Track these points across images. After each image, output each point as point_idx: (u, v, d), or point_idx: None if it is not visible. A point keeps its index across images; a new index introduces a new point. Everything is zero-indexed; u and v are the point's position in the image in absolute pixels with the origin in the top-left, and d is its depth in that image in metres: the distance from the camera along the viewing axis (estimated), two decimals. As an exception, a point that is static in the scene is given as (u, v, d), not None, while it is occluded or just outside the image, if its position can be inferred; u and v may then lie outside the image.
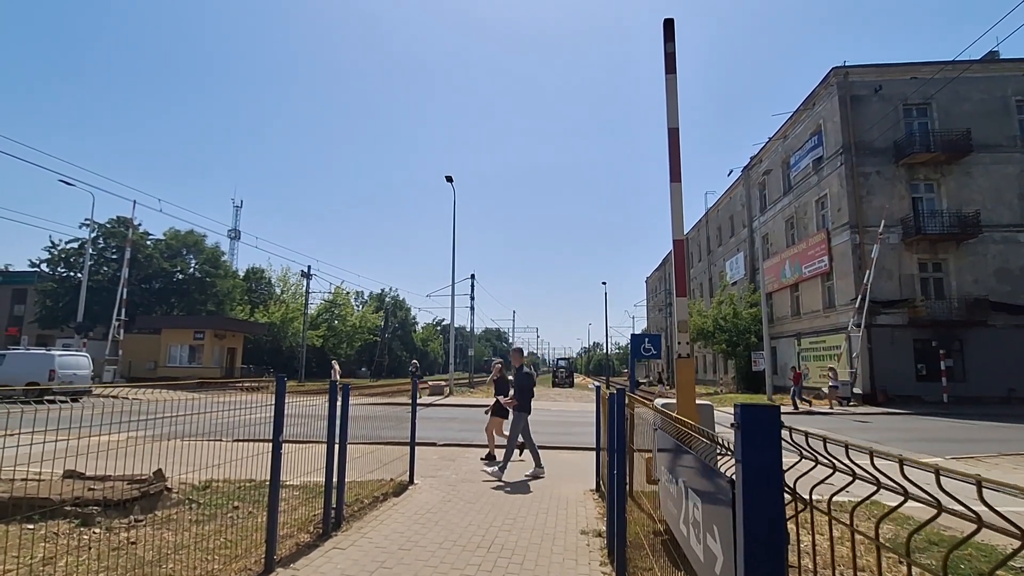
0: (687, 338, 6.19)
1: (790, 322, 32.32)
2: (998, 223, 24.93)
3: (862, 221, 25.50)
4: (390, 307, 74.18)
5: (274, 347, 48.59)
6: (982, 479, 0.95)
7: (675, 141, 6.24)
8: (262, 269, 57.92)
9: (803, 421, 17.29)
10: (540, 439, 12.55)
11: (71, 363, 21.96)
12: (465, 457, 9.76)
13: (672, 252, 6.45)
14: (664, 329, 58.22)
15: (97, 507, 5.05)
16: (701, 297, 49.41)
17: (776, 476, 1.25)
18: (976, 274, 24.94)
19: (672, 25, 6.42)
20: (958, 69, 23.19)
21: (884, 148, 25.71)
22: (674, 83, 6.31)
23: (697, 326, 35.28)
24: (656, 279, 75.06)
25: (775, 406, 1.31)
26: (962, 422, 17.22)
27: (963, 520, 1.04)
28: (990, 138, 25.30)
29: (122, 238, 39.01)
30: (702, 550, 1.95)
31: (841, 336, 26.14)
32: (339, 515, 5.37)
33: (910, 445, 11.87)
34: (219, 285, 47.43)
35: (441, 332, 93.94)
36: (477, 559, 4.58)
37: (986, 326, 23.92)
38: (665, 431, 2.96)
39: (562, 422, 16.93)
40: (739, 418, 1.30)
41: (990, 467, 9.37)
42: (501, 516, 5.91)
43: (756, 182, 37.35)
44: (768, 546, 1.22)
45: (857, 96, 26.44)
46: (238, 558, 4.26)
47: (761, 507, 1.24)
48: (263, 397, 5.02)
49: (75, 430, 3.32)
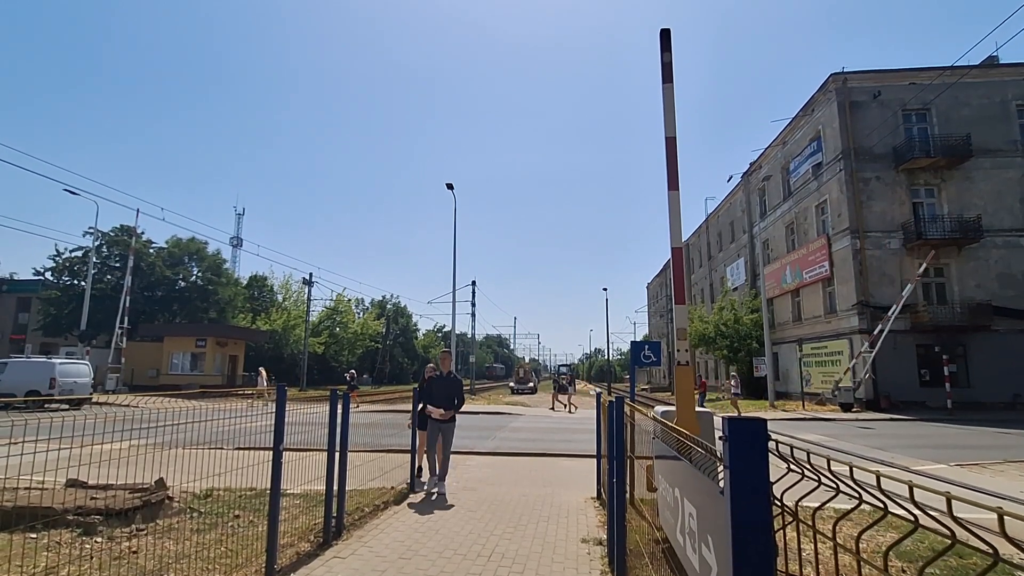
0: (686, 345, 6.19)
1: (791, 328, 32.27)
2: (1000, 227, 24.93)
3: (863, 226, 25.51)
4: (391, 314, 74.20)
5: (276, 355, 48.59)
6: (951, 495, 0.97)
7: (672, 150, 6.28)
8: (264, 277, 58.00)
9: (806, 427, 17.23)
10: (542, 446, 12.58)
11: (71, 371, 22.04)
12: (466, 465, 9.75)
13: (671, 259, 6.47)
14: (665, 335, 58.12)
15: (99, 516, 5.06)
16: (702, 303, 49.36)
17: (763, 486, 1.27)
18: (978, 279, 24.91)
19: (669, 35, 6.47)
20: (957, 74, 23.26)
21: (884, 153, 25.76)
22: (671, 92, 6.35)
23: (699, 332, 35.21)
24: (657, 285, 75.02)
25: (762, 419, 1.34)
26: (967, 428, 17.14)
27: (938, 534, 1.06)
28: (990, 143, 25.34)
29: (125, 246, 39.13)
30: (698, 560, 1.96)
31: (843, 342, 26.08)
32: (339, 524, 5.37)
33: (915, 452, 11.81)
34: (221, 293, 47.52)
35: (443, 339, 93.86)
36: (477, 568, 4.58)
37: (989, 331, 23.85)
38: (661, 440, 2.98)
39: (563, 428, 16.91)
40: (726, 430, 1.32)
41: (995, 474, 9.31)
42: (502, 525, 5.91)
43: (756, 188, 37.40)
44: (756, 554, 1.24)
45: (856, 102, 26.53)
46: (239, 567, 4.27)
47: (750, 515, 1.26)
48: (262, 405, 5.05)
49: (78, 439, 3.35)
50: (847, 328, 25.99)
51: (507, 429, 16.56)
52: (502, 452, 11.55)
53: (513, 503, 6.92)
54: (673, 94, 6.38)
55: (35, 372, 21.28)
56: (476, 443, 12.96)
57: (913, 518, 1.12)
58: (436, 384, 7.57)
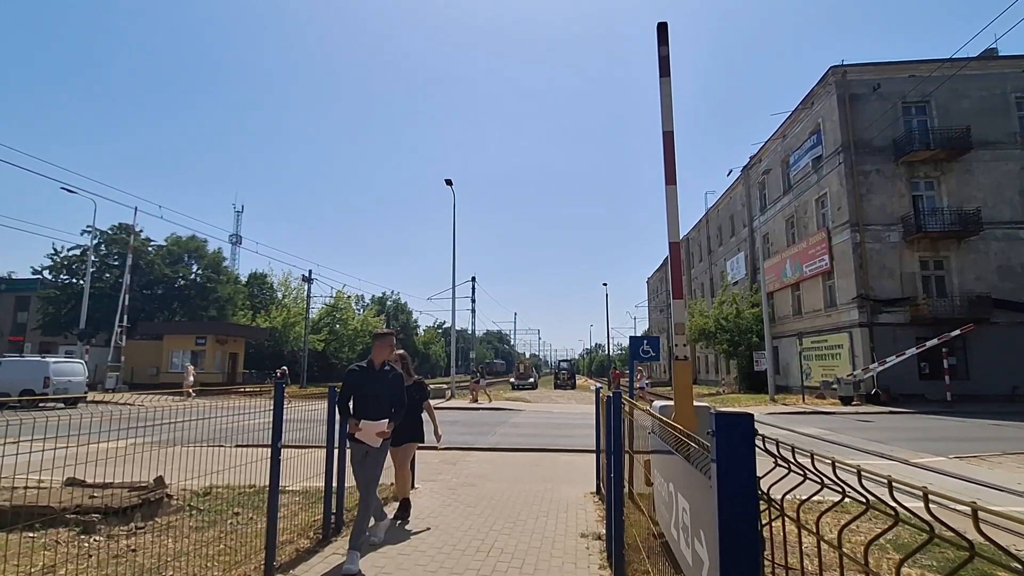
0: (684, 340, 6.19)
1: (791, 321, 32.28)
2: (999, 220, 24.90)
3: (862, 219, 25.48)
4: (391, 311, 74.26)
5: (276, 352, 48.59)
6: (928, 491, 0.97)
7: (670, 144, 6.26)
8: (263, 274, 57.94)
9: (806, 420, 17.25)
10: (542, 441, 12.60)
11: (66, 370, 22.08)
12: (465, 461, 9.77)
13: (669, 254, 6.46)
14: (665, 330, 58.16)
15: (98, 515, 5.07)
16: (703, 297, 49.36)
17: (750, 479, 1.27)
18: (978, 271, 24.90)
19: (666, 29, 6.44)
20: (956, 67, 23.16)
21: (883, 146, 25.71)
22: (668, 86, 6.33)
23: (699, 326, 35.23)
24: (657, 280, 75.05)
25: (748, 414, 1.34)
26: (966, 420, 17.17)
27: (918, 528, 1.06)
28: (990, 135, 25.28)
29: (124, 245, 39.11)
30: (691, 554, 1.97)
31: (843, 335, 26.09)
32: (339, 520, 5.39)
33: (913, 445, 11.83)
34: (221, 290, 47.50)
35: (443, 335, 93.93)
36: (476, 563, 4.60)
37: (989, 323, 23.85)
38: (657, 435, 2.98)
39: (563, 424, 16.94)
40: (714, 424, 1.32)
41: (993, 466, 9.34)
42: (501, 520, 5.92)
43: (756, 182, 37.34)
44: (744, 546, 1.24)
45: (856, 95, 26.45)
46: (238, 564, 4.28)
47: (737, 508, 1.26)
48: (263, 403, 5.04)
49: (75, 437, 3.35)
50: (847, 322, 25.99)
51: (507, 425, 16.59)
52: (502, 448, 11.58)
53: (513, 498, 6.94)
54: (671, 88, 6.36)
55: (29, 371, 21.27)
56: (476, 439, 12.99)
57: (894, 513, 1.12)
58: (365, 384, 4.80)
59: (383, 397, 4.78)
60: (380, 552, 4.84)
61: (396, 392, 4.89)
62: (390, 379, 4.89)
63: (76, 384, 22.02)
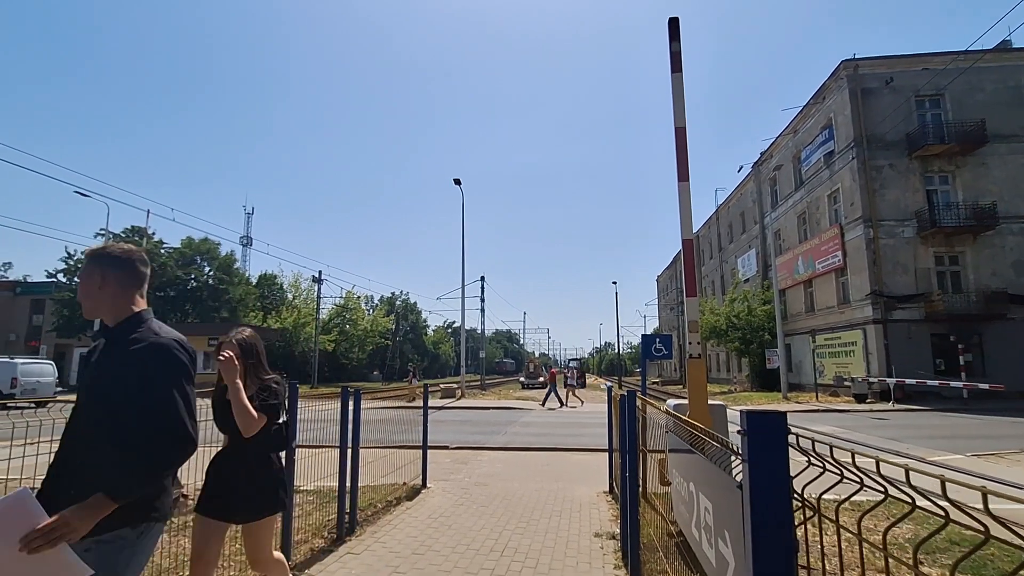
0: (698, 338, 6.14)
1: (804, 319, 31.97)
2: (1015, 214, 24.47)
3: (876, 215, 25.16)
4: (401, 310, 74.48)
5: (286, 352, 48.96)
6: (987, 490, 0.93)
7: (682, 140, 6.20)
8: (274, 275, 58.43)
9: (820, 418, 17.08)
10: (553, 440, 12.59)
11: (34, 371, 22.36)
12: (478, 460, 9.76)
13: (681, 251, 6.41)
14: (676, 328, 57.86)
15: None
16: (713, 295, 49.04)
17: (783, 482, 1.24)
18: (994, 267, 24.50)
19: (677, 24, 6.38)
20: (970, 59, 22.80)
21: (896, 141, 25.36)
22: (680, 82, 6.27)
23: (710, 324, 34.98)
24: (667, 277, 74.64)
25: (782, 412, 1.30)
26: (983, 417, 16.92)
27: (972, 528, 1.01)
28: (1005, 128, 24.84)
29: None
30: (714, 555, 1.93)
31: (857, 332, 25.80)
32: (353, 520, 5.39)
33: (930, 443, 11.68)
34: (233, 292, 47.93)
35: (452, 335, 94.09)
36: (491, 563, 4.58)
37: (1005, 319, 23.47)
38: (675, 433, 2.94)
39: (574, 423, 16.90)
40: (745, 424, 1.29)
41: (1012, 464, 9.18)
42: (514, 520, 5.91)
43: (767, 178, 37.02)
44: (777, 550, 1.21)
45: (868, 89, 26.11)
46: (254, 564, 4.29)
47: (770, 511, 1.23)
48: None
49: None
50: (861, 318, 25.69)
51: (518, 424, 16.58)
52: (513, 447, 11.56)
53: (525, 498, 6.92)
54: (682, 84, 6.30)
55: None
56: (487, 438, 12.99)
57: (944, 513, 1.08)
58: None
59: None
60: (394, 552, 4.84)
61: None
62: None
63: (45, 385, 22.29)
